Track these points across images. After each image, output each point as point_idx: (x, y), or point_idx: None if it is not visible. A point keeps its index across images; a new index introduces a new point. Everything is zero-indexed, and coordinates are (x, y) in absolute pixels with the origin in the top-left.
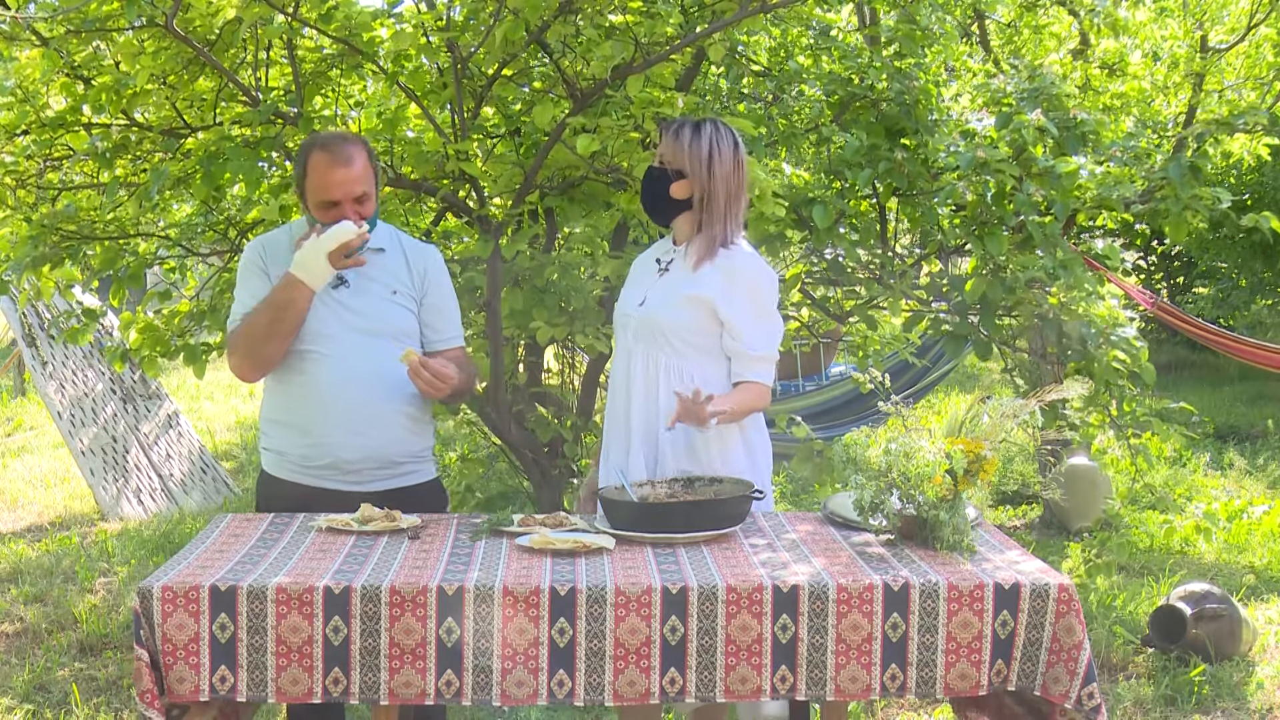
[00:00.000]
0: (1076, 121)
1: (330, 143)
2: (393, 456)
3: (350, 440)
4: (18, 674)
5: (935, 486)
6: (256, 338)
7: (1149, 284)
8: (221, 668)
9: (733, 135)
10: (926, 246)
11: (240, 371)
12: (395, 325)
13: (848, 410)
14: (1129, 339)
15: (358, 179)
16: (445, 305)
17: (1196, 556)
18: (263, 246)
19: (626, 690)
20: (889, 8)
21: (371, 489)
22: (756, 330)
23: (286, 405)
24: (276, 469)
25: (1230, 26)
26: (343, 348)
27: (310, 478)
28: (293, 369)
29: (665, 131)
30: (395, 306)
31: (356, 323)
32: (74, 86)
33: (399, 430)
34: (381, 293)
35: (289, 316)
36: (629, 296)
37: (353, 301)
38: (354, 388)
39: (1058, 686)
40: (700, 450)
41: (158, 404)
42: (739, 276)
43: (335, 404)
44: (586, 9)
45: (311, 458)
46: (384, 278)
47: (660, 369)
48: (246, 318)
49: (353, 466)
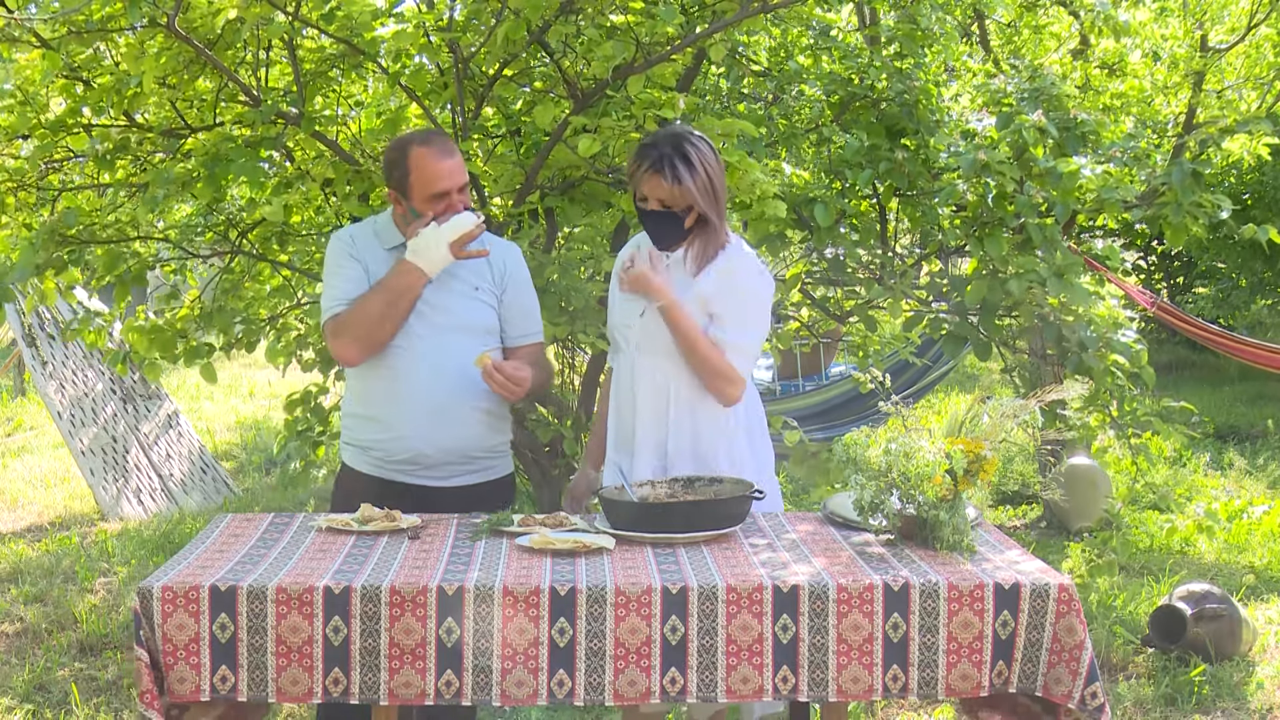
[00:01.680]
0: (1077, 122)
1: (430, 138)
2: (471, 452)
3: (430, 435)
4: (18, 674)
5: (935, 486)
6: (371, 321)
7: (1149, 284)
8: (222, 668)
9: (705, 139)
10: (927, 247)
11: (348, 355)
12: (476, 321)
13: (848, 410)
14: (1128, 343)
15: (462, 168)
16: (525, 302)
17: (1196, 556)
18: (350, 238)
19: (627, 690)
20: (889, 8)
21: (450, 484)
22: (740, 324)
23: (368, 399)
24: (357, 462)
25: (1230, 26)
26: (424, 343)
27: (390, 472)
28: (375, 363)
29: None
30: (477, 303)
31: (438, 319)
32: (74, 88)
33: (477, 426)
34: (463, 289)
35: (403, 302)
36: (627, 306)
37: (435, 297)
38: (435, 383)
39: (1060, 687)
40: (710, 460)
41: (158, 404)
42: (736, 278)
43: (416, 399)
44: (587, 9)
45: (393, 452)
46: (466, 274)
47: (668, 379)
48: (358, 302)
49: (432, 461)
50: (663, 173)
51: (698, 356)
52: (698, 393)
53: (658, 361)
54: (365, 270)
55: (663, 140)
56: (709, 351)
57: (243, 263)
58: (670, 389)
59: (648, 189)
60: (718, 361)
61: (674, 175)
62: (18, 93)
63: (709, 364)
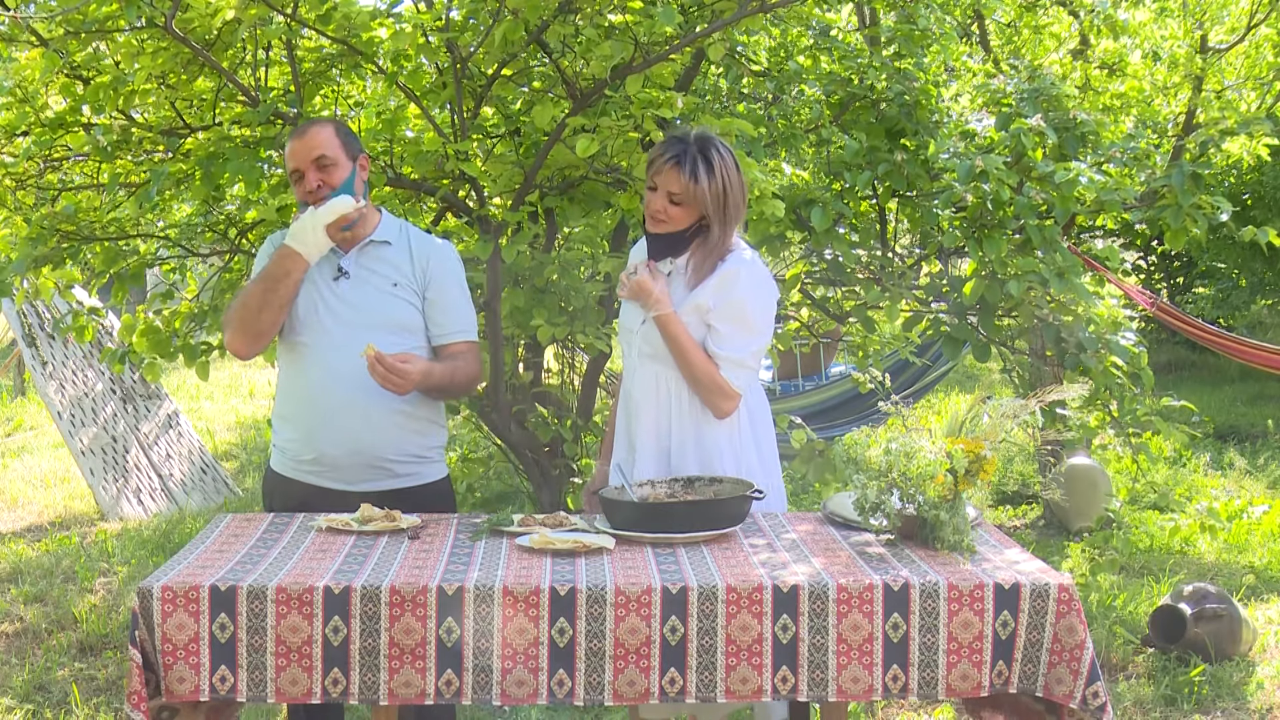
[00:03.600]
0: (1076, 122)
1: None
2: (385, 456)
3: (336, 437)
4: (18, 674)
5: (935, 486)
6: (250, 309)
7: (1149, 284)
8: (222, 668)
9: (733, 154)
10: (926, 247)
11: (234, 346)
12: (393, 319)
13: (848, 410)
14: (1127, 346)
15: (315, 145)
16: (448, 299)
17: (1196, 556)
18: (274, 246)
19: (626, 690)
20: (889, 8)
21: (366, 489)
22: (736, 338)
23: (282, 397)
24: (279, 465)
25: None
26: (333, 340)
27: (301, 474)
28: (289, 361)
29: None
30: (394, 299)
31: (351, 315)
32: (73, 86)
33: (390, 430)
34: (381, 285)
35: (282, 289)
36: (630, 312)
37: (351, 294)
38: (341, 383)
39: (1061, 687)
40: (717, 467)
41: (158, 404)
42: (735, 290)
43: (321, 399)
44: (586, 9)
45: (299, 453)
46: (385, 270)
47: (670, 386)
48: (239, 293)
49: (337, 463)
50: (682, 167)
51: (691, 369)
52: (700, 400)
53: (660, 368)
54: None
55: (691, 138)
56: (703, 364)
57: (242, 262)
58: (672, 396)
59: (662, 180)
60: (711, 375)
61: (692, 173)
62: (17, 90)
63: (702, 377)
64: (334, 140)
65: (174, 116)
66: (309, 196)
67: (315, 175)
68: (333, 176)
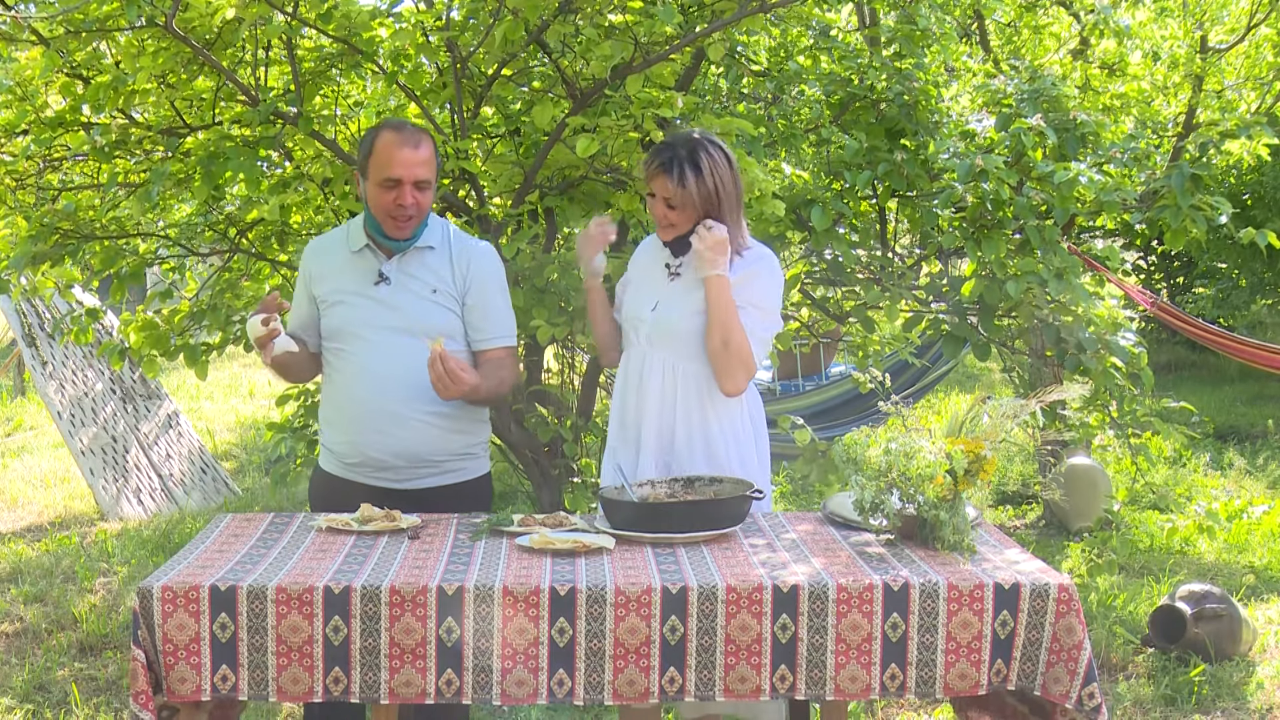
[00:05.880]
0: (1076, 123)
1: (404, 127)
2: (425, 455)
3: (375, 439)
4: (18, 674)
5: (935, 486)
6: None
7: (1149, 284)
8: (223, 667)
9: (722, 149)
10: (926, 247)
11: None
12: (432, 324)
13: (848, 410)
14: (1127, 348)
15: (423, 162)
16: (488, 304)
17: (1196, 556)
18: (314, 251)
19: (626, 689)
20: (889, 8)
21: (409, 486)
22: (757, 316)
23: (326, 401)
24: (329, 464)
25: (1230, 26)
26: (371, 346)
27: (350, 473)
28: (331, 366)
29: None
30: (433, 305)
31: (391, 320)
32: (73, 86)
33: (427, 430)
34: (421, 290)
35: (277, 366)
36: (639, 299)
37: (391, 299)
38: (376, 386)
39: (1058, 686)
40: (721, 456)
41: (158, 404)
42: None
43: (359, 402)
44: (586, 8)
45: (345, 454)
46: (426, 276)
47: (678, 374)
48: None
49: (383, 464)
50: (670, 173)
51: (728, 332)
52: (707, 387)
53: (667, 355)
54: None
55: (680, 142)
56: (740, 333)
57: (242, 261)
58: (680, 383)
59: (656, 186)
60: (744, 341)
61: (680, 178)
62: (17, 89)
63: (735, 345)
64: (433, 161)
65: (174, 116)
66: (398, 211)
67: (412, 195)
68: (425, 201)
